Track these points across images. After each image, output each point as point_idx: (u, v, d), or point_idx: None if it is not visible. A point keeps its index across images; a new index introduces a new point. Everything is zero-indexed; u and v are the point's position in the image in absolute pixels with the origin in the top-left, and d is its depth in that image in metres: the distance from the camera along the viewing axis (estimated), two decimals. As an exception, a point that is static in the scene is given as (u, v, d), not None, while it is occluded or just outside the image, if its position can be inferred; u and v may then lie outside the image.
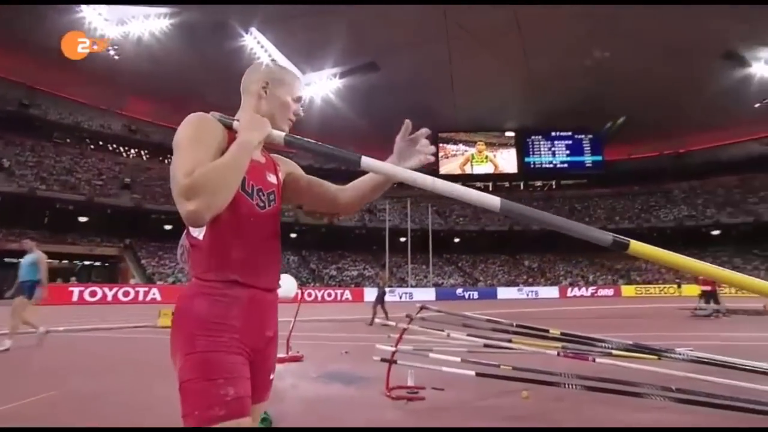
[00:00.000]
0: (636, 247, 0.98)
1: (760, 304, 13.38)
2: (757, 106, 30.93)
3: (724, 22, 24.07)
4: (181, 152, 0.93)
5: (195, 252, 1.01)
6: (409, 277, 28.14)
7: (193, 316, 0.93)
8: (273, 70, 1.19)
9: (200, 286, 0.97)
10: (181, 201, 0.86)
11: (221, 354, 0.90)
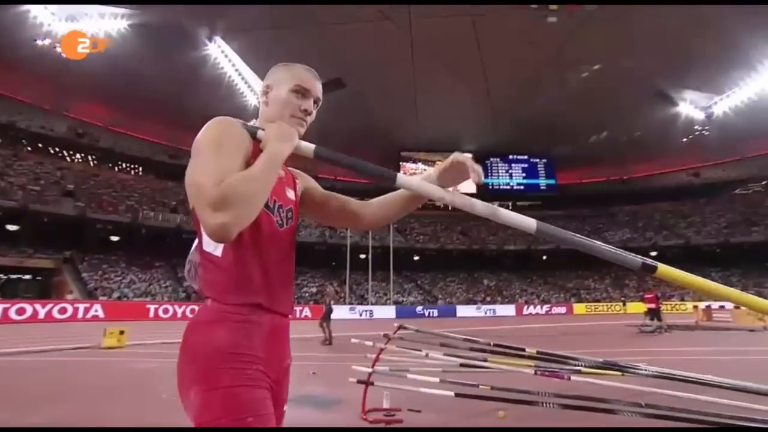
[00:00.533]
0: (663, 270, 1.01)
1: (692, 320, 14.51)
2: (684, 140, 34.16)
3: (655, 64, 26.67)
4: (206, 157, 0.84)
5: (212, 270, 0.91)
6: (369, 295, 27.91)
7: (214, 346, 0.83)
8: (278, 69, 1.09)
9: (220, 311, 0.87)
10: (208, 212, 0.77)
11: (248, 389, 0.81)
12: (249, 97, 28.29)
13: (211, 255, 0.91)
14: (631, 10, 22.71)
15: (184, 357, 0.85)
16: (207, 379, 0.80)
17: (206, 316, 0.88)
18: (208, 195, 0.78)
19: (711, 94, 30.08)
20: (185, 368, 0.84)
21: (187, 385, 0.83)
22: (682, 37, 24.49)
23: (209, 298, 0.89)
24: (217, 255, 0.90)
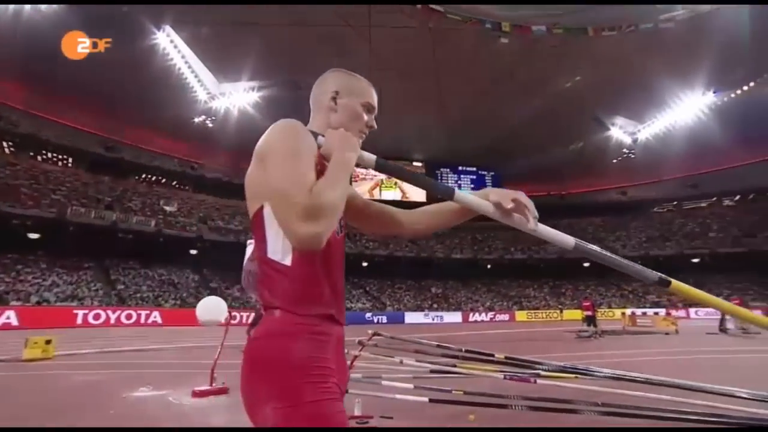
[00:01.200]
0: (676, 286, 1.15)
1: (619, 326, 15.89)
2: (615, 161, 37.61)
3: (592, 90, 29.24)
4: (287, 164, 0.83)
5: (280, 280, 0.87)
6: (318, 301, 27.52)
7: (293, 360, 0.80)
8: (343, 77, 1.10)
9: (295, 323, 0.84)
10: (300, 221, 0.76)
11: (330, 402, 0.80)
12: (199, 92, 26.95)
13: (279, 264, 0.88)
14: (573, 40, 24.69)
15: (256, 371, 0.82)
16: (288, 394, 0.77)
17: (280, 327, 0.84)
18: (300, 204, 0.77)
19: (636, 122, 33.45)
20: (258, 383, 0.81)
21: (262, 401, 0.79)
22: (614, 70, 27.11)
23: (278, 309, 0.85)
24: (286, 264, 0.87)
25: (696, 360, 7.30)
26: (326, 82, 1.10)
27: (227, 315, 4.76)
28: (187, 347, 9.60)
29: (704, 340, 11.02)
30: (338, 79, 1.09)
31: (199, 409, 3.84)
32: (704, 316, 25.09)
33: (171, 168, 34.78)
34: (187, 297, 24.68)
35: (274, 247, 0.88)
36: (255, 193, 0.92)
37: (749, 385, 3.90)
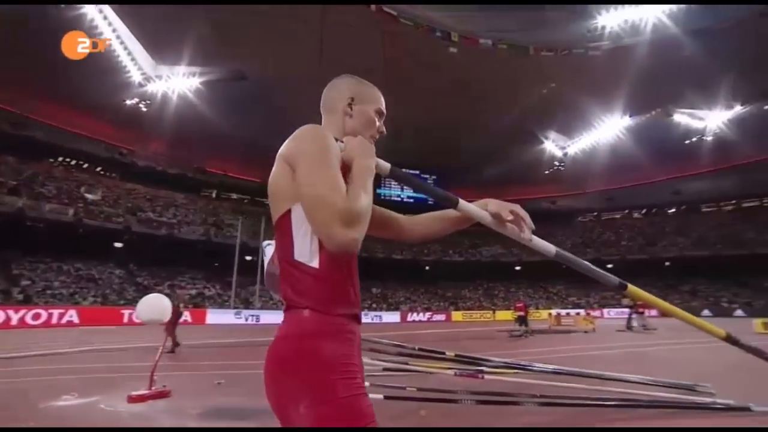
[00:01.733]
0: (631, 290, 1.34)
1: (545, 325, 17.20)
2: (546, 172, 40.67)
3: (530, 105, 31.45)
4: (322, 170, 0.85)
5: (308, 281, 0.88)
6: (256, 299, 26.56)
7: (326, 358, 0.82)
8: (357, 84, 1.14)
9: (326, 323, 0.86)
10: (338, 225, 0.79)
11: (361, 397, 0.83)
12: (133, 72, 24.82)
13: (306, 265, 0.89)
14: (516, 57, 26.32)
15: (287, 370, 0.83)
16: (321, 391, 0.79)
17: (311, 327, 0.85)
18: (340, 209, 0.80)
19: (567, 137, 36.44)
20: (290, 382, 0.82)
21: (295, 399, 0.80)
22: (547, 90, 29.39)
23: (306, 309, 0.87)
24: (314, 266, 0.89)
25: (611, 353, 8.17)
26: (340, 87, 1.12)
27: (169, 314, 4.49)
28: (112, 349, 8.84)
29: (616, 336, 12.34)
30: (352, 85, 1.13)
31: (139, 415, 3.59)
32: (615, 315, 27.91)
33: (95, 152, 31.67)
34: (110, 294, 22.63)
35: (301, 249, 0.90)
36: (282, 196, 0.93)
37: (653, 374, 4.50)
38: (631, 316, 15.26)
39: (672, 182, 41.07)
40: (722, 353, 8.01)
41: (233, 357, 7.91)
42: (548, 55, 26.01)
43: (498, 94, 30.91)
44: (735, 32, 23.49)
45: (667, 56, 25.33)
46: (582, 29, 24.18)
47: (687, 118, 32.98)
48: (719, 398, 3.76)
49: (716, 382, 4.22)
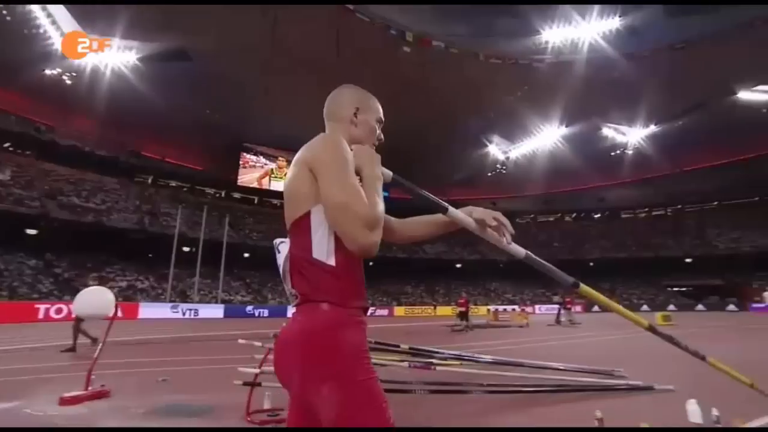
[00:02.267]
0: (583, 288, 1.55)
1: (484, 320, 18.18)
2: (489, 175, 42.73)
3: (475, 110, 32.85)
4: (345, 177, 0.95)
5: (326, 277, 0.97)
6: (194, 293, 25.27)
7: (348, 345, 0.92)
8: (360, 94, 1.22)
9: (346, 315, 0.96)
10: (363, 230, 0.90)
11: (376, 380, 0.93)
12: (55, 39, 22.39)
13: (324, 263, 0.97)
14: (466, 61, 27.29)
15: (313, 357, 0.90)
16: (344, 375, 0.89)
17: (334, 319, 0.94)
18: (365, 216, 0.90)
19: (509, 142, 38.49)
20: (314, 368, 0.90)
21: (320, 382, 0.89)
22: (496, 94, 30.82)
23: (325, 302, 0.95)
24: (331, 264, 0.97)
25: (544, 345, 8.90)
26: (345, 97, 1.21)
27: (114, 308, 4.22)
28: (28, 348, 8.05)
29: (547, 330, 13.41)
30: (356, 96, 1.21)
31: (77, 418, 3.34)
32: (545, 311, 30.14)
33: (4, 126, 28.13)
34: (20, 287, 20.33)
35: (319, 249, 0.98)
36: (303, 199, 1.00)
37: (579, 362, 5.03)
38: (560, 312, 16.63)
39: (598, 190, 45.08)
40: (631, 344, 9.06)
41: (176, 353, 7.56)
42: (497, 62, 27.36)
43: (446, 97, 31.87)
44: (653, 60, 26.25)
45: (599, 74, 27.69)
46: (528, 42, 25.67)
47: (613, 132, 36.30)
48: (631, 380, 4.35)
49: (627, 367, 4.85)
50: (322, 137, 1.05)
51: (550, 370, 4.64)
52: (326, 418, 0.87)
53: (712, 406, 3.04)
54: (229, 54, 26.50)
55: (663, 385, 4.17)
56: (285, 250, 1.04)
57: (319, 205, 0.98)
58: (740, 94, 31.52)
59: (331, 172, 0.95)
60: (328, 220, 0.97)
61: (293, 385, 0.94)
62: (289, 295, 1.05)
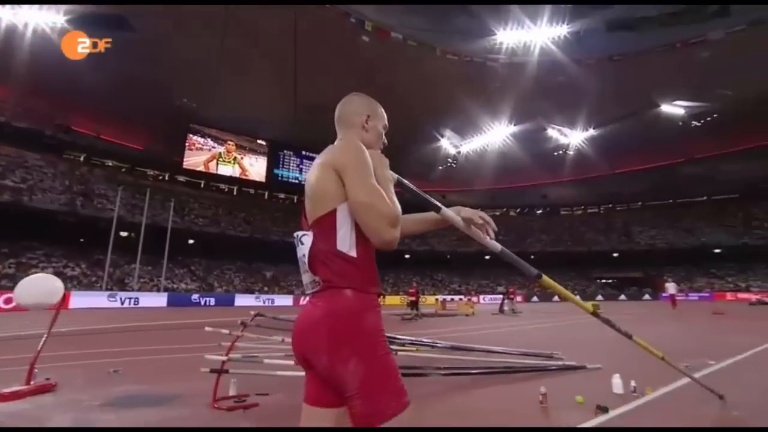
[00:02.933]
0: (545, 279, 1.79)
1: (432, 310, 18.87)
2: (440, 168, 43.88)
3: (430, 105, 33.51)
4: (370, 180, 1.09)
5: (348, 267, 1.10)
6: (134, 281, 23.78)
7: (369, 326, 1.06)
8: (370, 103, 1.35)
9: (367, 300, 1.09)
10: (387, 227, 1.05)
11: (390, 355, 1.08)
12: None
13: (347, 255, 1.10)
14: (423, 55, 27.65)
15: (343, 335, 1.03)
16: (368, 350, 1.03)
17: (356, 303, 1.07)
18: (388, 215, 1.04)
19: (460, 137, 39.70)
20: (343, 344, 1.03)
21: (345, 357, 1.02)
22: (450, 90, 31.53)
23: (348, 288, 1.08)
24: (353, 255, 1.10)
25: (490, 332, 9.52)
26: (356, 104, 1.33)
27: (61, 296, 3.98)
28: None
29: (492, 318, 14.28)
30: (367, 104, 1.34)
31: (21, 415, 3.12)
32: (489, 301, 31.81)
33: None
34: None
35: (343, 242, 1.11)
36: (329, 197, 1.12)
37: (523, 346, 5.52)
38: (504, 302, 17.70)
39: (541, 187, 47.97)
40: (564, 330, 9.97)
41: (124, 343, 7.20)
42: (453, 58, 28.01)
43: (401, 89, 32.08)
44: (594, 68, 28.25)
45: (546, 78, 29.30)
46: (484, 42, 26.53)
47: (557, 133, 38.64)
48: (566, 361, 4.88)
49: (563, 350, 5.42)
50: (346, 143, 1.18)
51: (499, 353, 5.07)
52: (351, 387, 1.01)
53: (630, 379, 3.58)
54: (180, 27, 24.85)
55: (592, 364, 4.76)
56: (308, 242, 1.15)
57: (344, 204, 1.11)
58: (663, 106, 34.90)
59: (357, 176, 1.08)
60: (351, 217, 1.11)
61: (319, 360, 1.06)
62: (309, 283, 1.16)
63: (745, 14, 24.69)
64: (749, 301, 27.23)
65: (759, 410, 3.17)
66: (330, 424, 1.09)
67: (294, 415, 3.09)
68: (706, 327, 10.43)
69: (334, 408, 1.09)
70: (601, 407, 3.07)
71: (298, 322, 1.15)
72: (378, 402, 1.00)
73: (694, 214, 42.75)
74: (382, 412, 0.99)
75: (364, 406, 1.00)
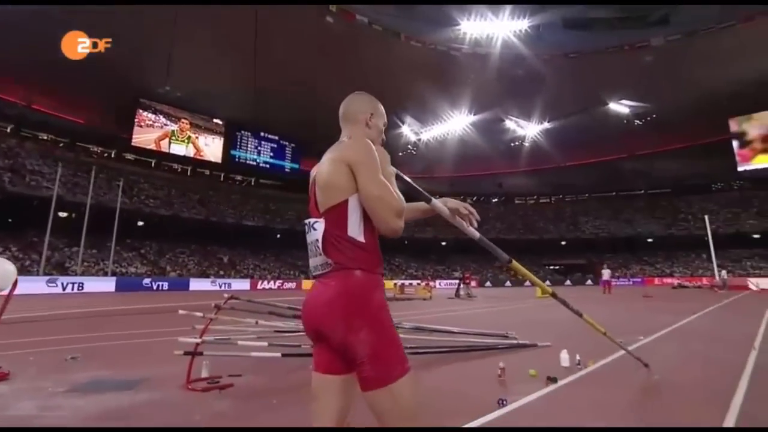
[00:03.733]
0: (514, 264, 2.02)
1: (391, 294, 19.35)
2: (400, 154, 44.22)
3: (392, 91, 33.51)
4: (379, 175, 1.22)
5: (357, 251, 1.24)
6: (78, 265, 22.31)
7: (377, 301, 1.21)
8: (373, 101, 1.47)
9: (374, 279, 1.24)
10: (395, 218, 1.20)
11: (394, 327, 1.24)
12: None
13: (356, 240, 1.24)
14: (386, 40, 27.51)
15: (356, 309, 1.17)
16: (377, 322, 1.18)
17: (366, 282, 1.22)
18: (396, 207, 1.19)
19: (422, 124, 40.14)
20: (356, 317, 1.17)
21: (357, 328, 1.16)
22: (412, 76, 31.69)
23: (358, 269, 1.22)
24: (362, 240, 1.25)
25: (448, 315, 10.00)
26: (360, 103, 1.45)
27: (14, 281, 3.78)
28: None
29: (449, 302, 14.91)
30: (370, 102, 1.46)
31: None
32: (445, 286, 32.92)
33: None
34: None
35: (353, 229, 1.25)
36: (341, 189, 1.25)
37: (480, 327, 5.93)
38: (459, 286, 18.45)
39: (498, 176, 49.70)
40: (516, 313, 10.68)
41: (76, 330, 6.87)
42: (417, 45, 28.10)
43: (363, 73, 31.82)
44: (551, 63, 29.47)
45: (506, 70, 30.20)
46: (448, 31, 26.80)
47: (514, 125, 40.07)
48: (520, 340, 5.32)
49: (516, 331, 5.88)
50: (356, 141, 1.30)
51: (459, 334, 5.42)
52: (362, 354, 1.16)
53: (575, 354, 4.03)
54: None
55: (542, 342, 5.24)
56: (321, 229, 1.28)
57: (355, 195, 1.24)
58: (611, 105, 37.22)
59: (369, 172, 1.22)
60: (360, 207, 1.25)
61: (334, 332, 1.20)
62: (319, 265, 1.28)
63: (682, 24, 26.72)
64: (672, 285, 30.35)
65: (673, 374, 3.77)
66: (338, 390, 1.23)
67: (268, 395, 3.26)
68: (637, 308, 11.56)
69: (342, 375, 1.23)
70: (551, 378, 3.45)
71: (310, 300, 1.28)
72: (385, 367, 1.15)
73: (633, 206, 46.31)
74: (389, 375, 1.15)
75: (373, 370, 1.15)
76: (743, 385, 3.35)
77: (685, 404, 2.96)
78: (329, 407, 1.23)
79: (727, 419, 2.57)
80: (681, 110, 36.03)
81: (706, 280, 30.20)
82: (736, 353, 4.65)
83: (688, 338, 6.13)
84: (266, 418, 2.66)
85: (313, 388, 1.27)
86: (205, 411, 2.82)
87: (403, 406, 1.15)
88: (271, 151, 43.46)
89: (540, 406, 2.91)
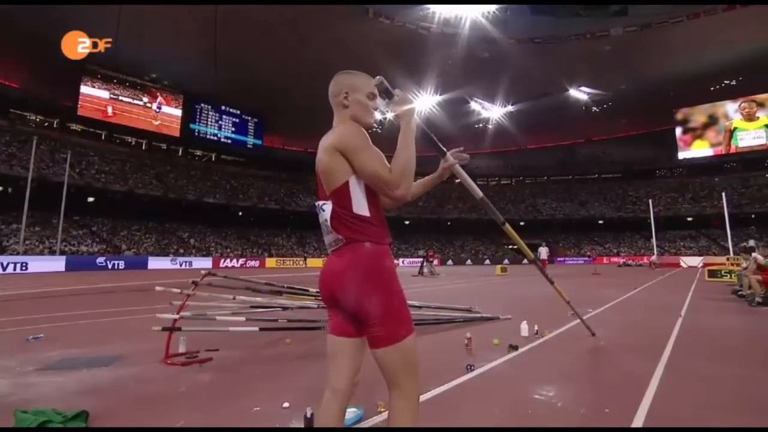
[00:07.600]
0: (507, 228, 2.24)
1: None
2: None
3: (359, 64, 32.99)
4: (369, 154, 1.32)
5: (365, 225, 1.35)
6: (20, 243, 20.85)
7: (385, 270, 1.33)
8: (347, 77, 1.47)
9: (382, 250, 1.36)
10: (392, 189, 1.30)
11: (403, 291, 1.37)
12: None
13: (362, 215, 1.35)
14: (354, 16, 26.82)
15: (368, 277, 1.29)
16: (388, 287, 1.31)
17: (375, 252, 1.33)
18: (387, 179, 1.29)
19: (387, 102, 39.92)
20: (368, 283, 1.28)
21: (370, 293, 1.28)
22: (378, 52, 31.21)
23: (367, 242, 1.33)
24: (367, 215, 1.36)
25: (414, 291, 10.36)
26: (333, 86, 1.49)
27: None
28: None
29: (413, 280, 15.33)
30: (343, 79, 1.48)
31: None
32: (408, 264, 33.65)
33: None
34: None
35: (358, 206, 1.36)
36: (340, 172, 1.35)
37: (445, 302, 6.26)
38: (423, 264, 18.97)
39: (461, 158, 50.36)
40: (478, 289, 11.23)
41: (29, 311, 6.56)
42: (385, 21, 27.63)
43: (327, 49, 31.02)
44: (517, 47, 30.00)
45: (473, 52, 30.42)
46: (417, 9, 26.49)
47: (479, 107, 40.68)
48: (483, 314, 5.69)
49: (479, 305, 6.27)
50: (342, 128, 1.39)
51: (427, 308, 5.71)
52: (374, 315, 1.29)
53: (534, 324, 4.43)
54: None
55: (504, 315, 5.65)
56: (329, 209, 1.40)
57: (353, 176, 1.35)
58: (571, 91, 38.58)
59: (360, 153, 1.32)
60: (361, 185, 1.36)
61: (348, 298, 1.32)
62: (332, 241, 1.40)
63: (639, 16, 27.94)
64: (618, 263, 32.79)
65: (616, 337, 4.39)
66: (350, 350, 1.38)
67: (247, 367, 3.41)
68: (588, 284, 12.51)
69: (354, 337, 1.37)
70: (513, 346, 3.79)
71: (326, 271, 1.40)
72: (394, 327, 1.30)
73: (587, 189, 48.90)
74: (397, 334, 1.30)
75: (384, 330, 1.29)
76: (671, 343, 4.03)
77: (625, 359, 3.53)
78: (343, 366, 1.37)
79: (657, 369, 3.12)
80: (634, 99, 38.03)
81: (646, 259, 32.83)
82: (666, 320, 5.50)
83: (629, 309, 6.91)
84: (248, 389, 2.78)
85: (328, 349, 1.41)
86: (188, 383, 2.89)
87: (408, 360, 1.31)
88: (233, 126, 41.87)
89: (504, 369, 3.23)
